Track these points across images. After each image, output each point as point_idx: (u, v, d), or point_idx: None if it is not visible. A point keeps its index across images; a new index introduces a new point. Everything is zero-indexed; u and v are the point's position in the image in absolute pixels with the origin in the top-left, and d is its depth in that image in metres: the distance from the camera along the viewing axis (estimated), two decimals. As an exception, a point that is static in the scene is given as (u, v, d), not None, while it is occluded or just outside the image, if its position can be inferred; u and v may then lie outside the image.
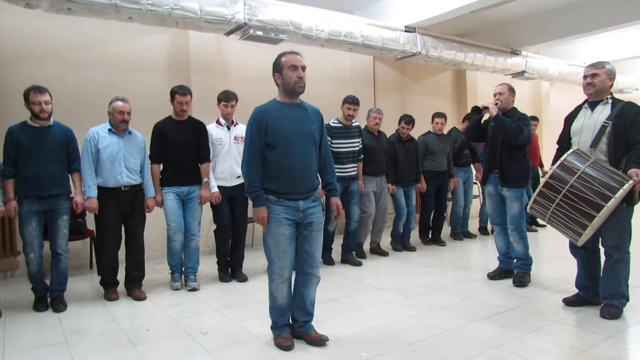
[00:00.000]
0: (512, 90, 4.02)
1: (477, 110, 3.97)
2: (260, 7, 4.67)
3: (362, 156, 4.91)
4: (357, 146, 4.83)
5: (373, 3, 6.27)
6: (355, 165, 4.83)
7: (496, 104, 3.94)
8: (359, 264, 4.81)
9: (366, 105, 6.59)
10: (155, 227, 4.37)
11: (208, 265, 4.53)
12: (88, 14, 3.97)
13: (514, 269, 4.05)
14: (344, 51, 5.81)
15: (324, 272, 2.84)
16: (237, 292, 3.95)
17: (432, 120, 5.73)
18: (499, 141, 3.92)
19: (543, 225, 6.64)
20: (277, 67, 2.70)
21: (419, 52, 5.97)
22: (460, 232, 6.11)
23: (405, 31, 5.90)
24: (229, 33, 4.78)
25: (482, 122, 4.09)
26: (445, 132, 6.04)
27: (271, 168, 2.65)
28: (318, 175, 2.84)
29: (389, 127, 5.76)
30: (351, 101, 4.71)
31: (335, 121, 4.76)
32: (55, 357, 2.72)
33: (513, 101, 4.03)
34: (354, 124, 4.81)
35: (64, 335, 3.03)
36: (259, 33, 4.69)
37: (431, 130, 5.75)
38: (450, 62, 6.43)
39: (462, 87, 8.20)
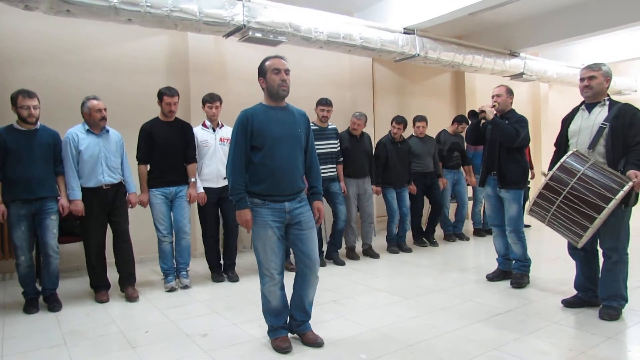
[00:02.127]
0: (510, 92, 4.02)
1: (474, 114, 3.96)
2: (259, 9, 4.67)
3: (342, 158, 4.98)
4: (335, 148, 4.89)
5: (372, 5, 6.27)
6: (334, 166, 4.89)
7: (493, 106, 3.94)
8: (342, 264, 4.90)
9: (365, 106, 6.61)
10: (151, 228, 4.37)
11: (203, 265, 4.53)
12: (87, 16, 3.97)
13: (513, 270, 4.05)
14: (343, 53, 5.81)
15: (322, 274, 2.84)
16: (236, 293, 3.95)
17: (414, 124, 5.78)
18: (497, 143, 3.92)
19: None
20: (261, 71, 2.73)
21: (418, 54, 5.97)
22: (453, 233, 6.11)
23: (404, 33, 5.91)
24: (227, 35, 4.78)
25: (481, 125, 4.09)
26: (434, 134, 6.07)
27: (257, 171, 2.66)
28: (304, 178, 2.85)
29: (387, 129, 5.75)
30: (324, 103, 4.79)
31: (311, 124, 4.79)
32: (54, 358, 2.72)
33: (511, 103, 4.03)
34: (329, 126, 4.88)
35: (63, 337, 3.03)
36: (258, 35, 4.70)
37: (413, 134, 5.79)
38: (449, 63, 6.44)
39: (460, 88, 8.21)
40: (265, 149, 2.65)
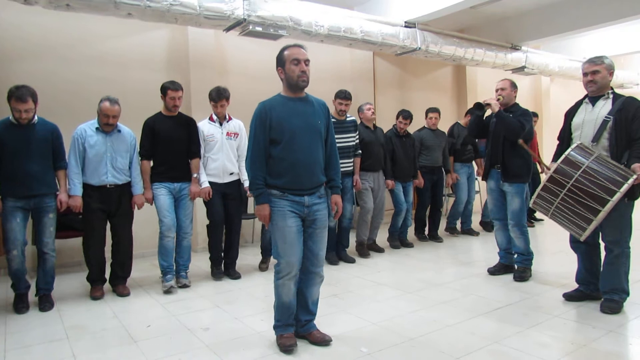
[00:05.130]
0: (514, 86, 4.01)
1: (479, 107, 3.96)
2: (259, 2, 4.65)
3: (360, 151, 4.88)
4: (353, 141, 4.77)
5: (372, -2, 6.25)
6: (351, 160, 4.76)
7: (498, 100, 3.93)
8: (352, 261, 4.80)
9: (366, 100, 6.55)
10: (153, 224, 4.37)
11: (205, 260, 4.52)
12: (87, 10, 3.96)
13: (515, 264, 4.05)
14: (344, 47, 5.80)
15: (324, 268, 2.84)
16: (238, 288, 3.95)
17: (426, 115, 5.70)
18: (501, 137, 3.91)
19: (540, 220, 6.63)
20: (280, 61, 2.64)
21: (419, 48, 5.95)
22: (455, 228, 6.08)
23: (405, 26, 5.88)
24: (228, 29, 4.76)
25: (484, 118, 4.08)
26: (446, 127, 6.01)
27: (276, 164, 2.59)
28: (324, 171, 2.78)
29: (388, 123, 5.74)
30: (343, 96, 4.67)
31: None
32: (57, 353, 2.73)
33: (515, 96, 4.02)
34: (348, 119, 4.75)
35: (65, 332, 3.04)
36: (259, 29, 4.67)
37: (425, 126, 5.73)
38: (450, 57, 6.42)
39: (462, 82, 8.19)
40: (285, 143, 2.56)
